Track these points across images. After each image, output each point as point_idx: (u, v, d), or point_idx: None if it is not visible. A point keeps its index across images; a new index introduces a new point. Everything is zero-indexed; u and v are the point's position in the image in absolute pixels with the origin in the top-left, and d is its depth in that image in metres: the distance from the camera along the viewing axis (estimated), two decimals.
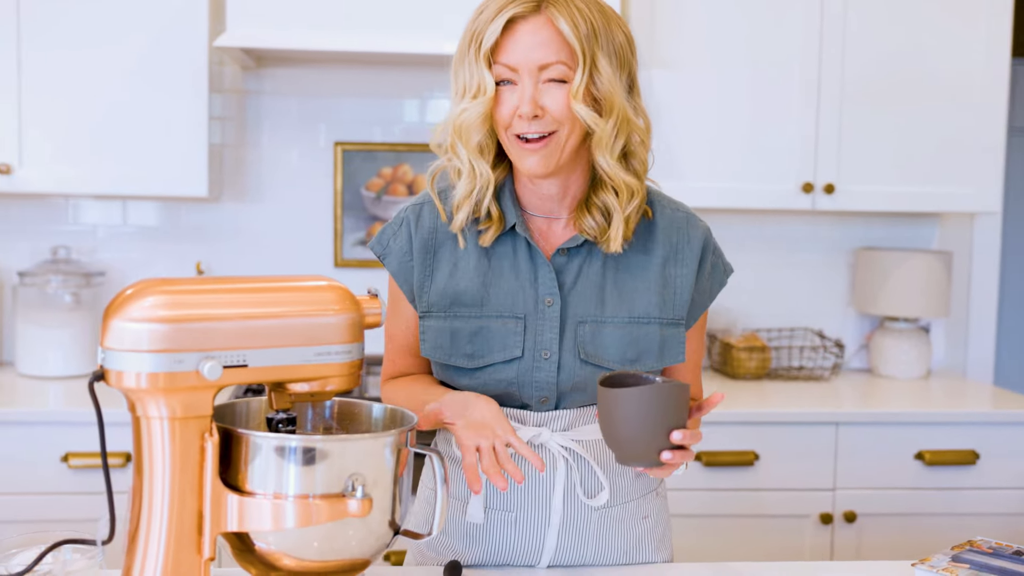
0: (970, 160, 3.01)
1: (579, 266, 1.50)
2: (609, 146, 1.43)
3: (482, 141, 1.46)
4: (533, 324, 1.48)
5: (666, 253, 1.52)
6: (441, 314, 1.50)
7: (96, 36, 2.73)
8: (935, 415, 2.78)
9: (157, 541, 1.18)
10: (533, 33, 1.40)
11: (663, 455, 1.31)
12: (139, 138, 2.77)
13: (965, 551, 1.54)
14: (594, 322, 1.49)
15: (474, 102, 1.42)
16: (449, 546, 1.57)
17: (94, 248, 3.10)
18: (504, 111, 1.43)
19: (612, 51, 1.42)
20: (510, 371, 1.48)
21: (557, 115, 1.41)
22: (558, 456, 1.49)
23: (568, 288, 1.49)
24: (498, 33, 1.40)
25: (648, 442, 1.32)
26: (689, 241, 1.54)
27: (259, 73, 3.10)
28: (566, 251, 1.50)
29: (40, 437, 2.54)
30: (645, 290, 1.50)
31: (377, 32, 2.71)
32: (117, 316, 1.16)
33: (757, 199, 2.96)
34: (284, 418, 1.28)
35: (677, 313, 1.52)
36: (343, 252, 3.14)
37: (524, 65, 1.40)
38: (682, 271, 1.52)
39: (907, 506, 2.77)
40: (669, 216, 1.55)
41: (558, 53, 1.40)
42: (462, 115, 1.44)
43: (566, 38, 1.39)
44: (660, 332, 1.50)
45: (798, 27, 2.92)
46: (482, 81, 1.42)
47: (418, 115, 3.18)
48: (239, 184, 3.13)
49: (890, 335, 3.21)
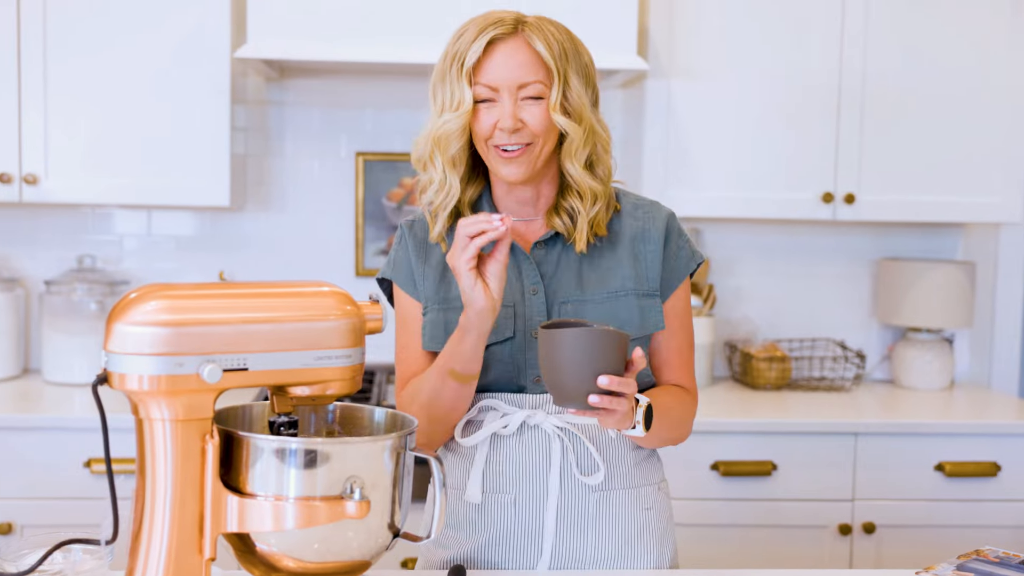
0: (994, 169, 2.99)
1: (557, 256, 1.62)
2: (577, 153, 1.57)
3: (456, 155, 1.57)
4: (522, 310, 1.59)
5: (634, 233, 1.64)
6: (436, 307, 1.61)
7: (120, 48, 2.79)
8: (956, 426, 2.76)
9: (159, 541, 1.21)
10: (512, 54, 1.53)
11: (590, 398, 1.37)
12: (163, 149, 2.82)
13: (971, 560, 1.53)
14: (576, 301, 1.60)
15: (454, 114, 1.54)
16: (453, 537, 1.62)
17: (119, 257, 3.15)
18: (484, 125, 1.55)
19: (580, 70, 1.57)
20: (504, 351, 1.58)
21: (535, 128, 1.54)
22: (553, 435, 1.57)
23: (549, 276, 1.61)
24: (480, 52, 1.53)
25: (578, 383, 1.37)
26: (654, 221, 1.65)
27: (282, 84, 3.14)
28: (543, 244, 1.62)
29: (65, 443, 2.58)
30: (617, 267, 1.62)
31: (397, 43, 2.73)
32: (120, 320, 1.19)
33: (776, 209, 2.95)
34: (286, 421, 1.30)
35: (651, 285, 1.63)
36: (364, 261, 3.17)
37: (504, 84, 1.53)
38: (650, 247, 1.64)
39: (927, 518, 2.74)
40: (634, 202, 1.68)
41: (535, 72, 1.53)
42: (443, 126, 1.55)
43: (543, 58, 1.53)
44: (638, 302, 1.61)
45: (818, 36, 2.92)
46: (462, 96, 1.54)
47: None
48: (262, 194, 3.17)
49: (913, 346, 3.18)
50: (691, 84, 2.90)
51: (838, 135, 2.94)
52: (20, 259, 3.13)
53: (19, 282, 3.08)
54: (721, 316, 3.26)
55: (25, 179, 2.77)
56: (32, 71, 2.76)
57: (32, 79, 2.76)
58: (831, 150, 2.94)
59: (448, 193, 1.59)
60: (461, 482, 1.62)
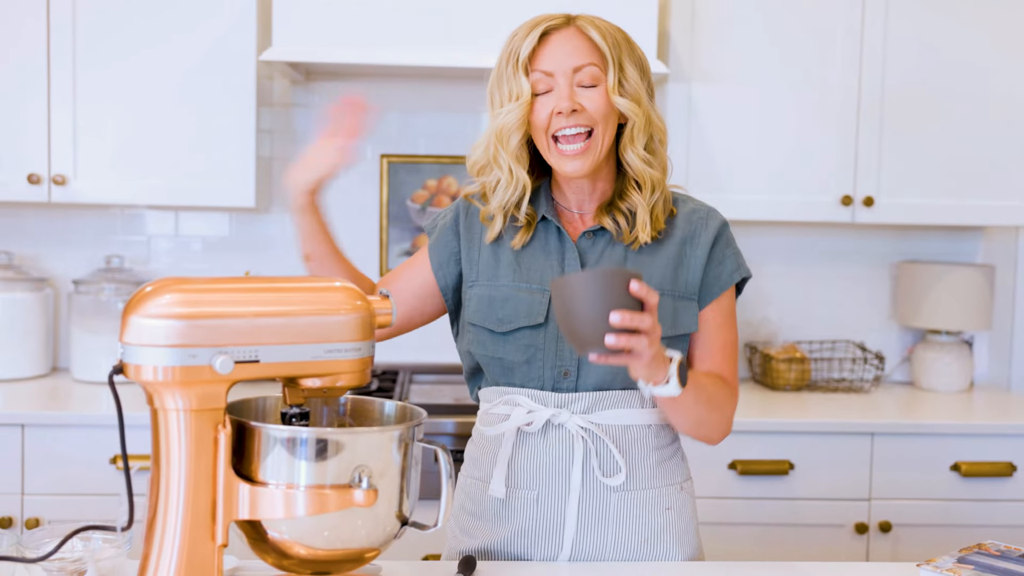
0: (1014, 173, 2.99)
1: (602, 249, 1.64)
2: (637, 139, 1.59)
3: (517, 148, 1.60)
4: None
5: (684, 236, 1.65)
6: (484, 284, 1.66)
7: (148, 51, 2.84)
8: (972, 427, 2.77)
9: (173, 528, 1.25)
10: (566, 41, 1.57)
11: (607, 339, 1.35)
12: (190, 151, 2.87)
13: (972, 553, 1.55)
14: None
15: (513, 105, 1.57)
16: (478, 526, 1.66)
17: (147, 258, 3.21)
18: (542, 114, 1.57)
19: (635, 61, 1.60)
20: (535, 337, 1.60)
21: (593, 112, 1.56)
22: (576, 435, 1.59)
23: (590, 266, 1.63)
24: (535, 43, 1.57)
25: (592, 326, 1.35)
26: (706, 227, 1.66)
27: (308, 87, 3.19)
28: (591, 234, 1.64)
29: (92, 440, 2.64)
30: (661, 267, 1.62)
31: (421, 47, 2.77)
32: (136, 312, 1.23)
33: (796, 211, 2.96)
34: (297, 413, 1.33)
35: (689, 289, 1.63)
36: (389, 263, 3.21)
37: (559, 68, 1.56)
38: (696, 252, 1.64)
39: (943, 517, 2.75)
40: (691, 207, 1.69)
41: (590, 56, 1.56)
42: (503, 118, 1.58)
43: (596, 44, 1.57)
44: (672, 303, 1.61)
45: (838, 39, 2.93)
46: (520, 88, 1.57)
47: (462, 128, 3.25)
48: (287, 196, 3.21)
49: (932, 348, 3.18)
50: (712, 88, 2.92)
51: (857, 138, 2.95)
52: (49, 259, 3.19)
53: (48, 282, 3.15)
54: (742, 318, 3.27)
55: (54, 180, 2.84)
56: (61, 74, 2.82)
57: (61, 82, 2.83)
58: (850, 153, 2.95)
59: (517, 188, 1.62)
60: (487, 474, 1.66)
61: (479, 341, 1.64)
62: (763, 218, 2.97)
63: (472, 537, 1.66)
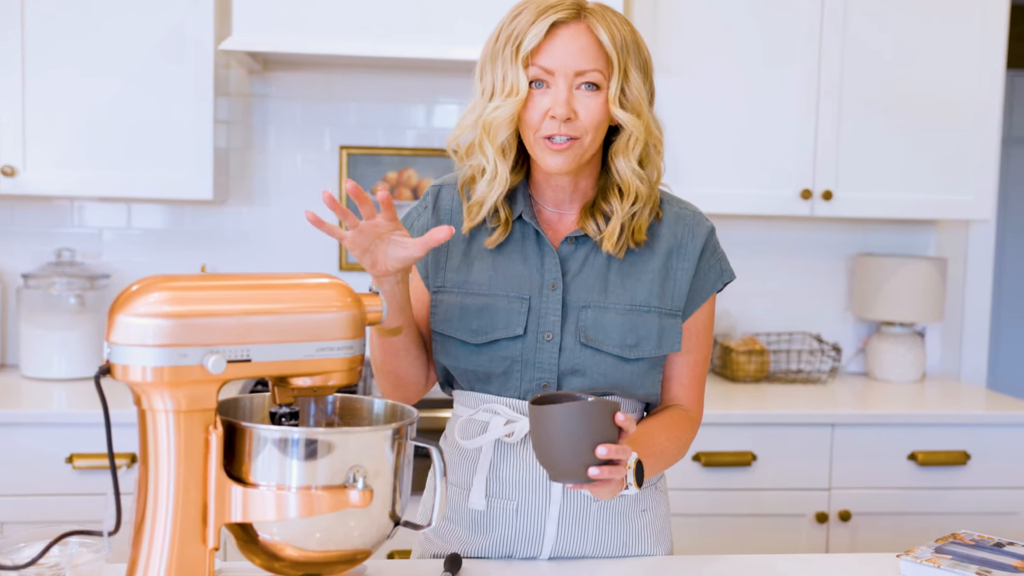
0: (967, 168, 3.05)
1: (584, 255, 1.56)
2: (632, 150, 1.51)
3: (505, 143, 1.51)
4: (537, 306, 1.54)
5: (670, 246, 1.58)
6: (454, 290, 1.57)
7: (102, 38, 2.77)
8: (928, 416, 2.82)
9: (163, 532, 1.22)
10: (573, 39, 1.47)
11: (590, 471, 1.32)
12: (145, 141, 2.80)
13: (948, 543, 1.57)
14: (597, 308, 1.54)
15: (506, 101, 1.47)
16: (456, 535, 1.61)
17: (99, 251, 3.13)
18: (535, 114, 1.47)
19: (640, 65, 1.51)
20: (513, 349, 1.54)
21: (586, 122, 1.47)
22: None
23: (572, 275, 1.55)
24: (541, 36, 1.46)
25: (575, 457, 1.33)
26: (693, 236, 1.59)
27: (265, 77, 3.14)
28: (573, 240, 1.56)
29: (45, 439, 2.57)
30: (648, 280, 1.56)
31: (384, 37, 2.74)
32: (123, 311, 1.20)
33: (756, 205, 2.99)
34: (287, 412, 1.31)
35: (675, 304, 1.57)
36: (348, 255, 3.18)
37: (561, 69, 1.46)
38: (683, 264, 1.58)
39: (900, 505, 2.80)
40: (676, 213, 1.61)
41: (595, 60, 1.47)
42: (493, 112, 1.48)
43: (604, 47, 1.47)
44: (659, 321, 1.55)
45: (798, 35, 2.96)
46: (516, 81, 1.47)
47: (423, 120, 3.22)
48: (245, 188, 3.17)
49: (886, 339, 3.24)
50: (673, 82, 2.93)
51: (816, 134, 2.98)
52: None
53: None
54: None
55: (3, 171, 2.75)
56: (9, 61, 2.74)
57: (9, 70, 2.74)
58: (809, 148, 2.99)
59: (498, 183, 1.53)
60: (465, 481, 1.60)
61: (449, 352, 1.58)
62: (724, 211, 2.99)
63: (446, 542, 1.62)
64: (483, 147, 1.52)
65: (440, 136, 3.22)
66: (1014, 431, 2.83)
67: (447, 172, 3.11)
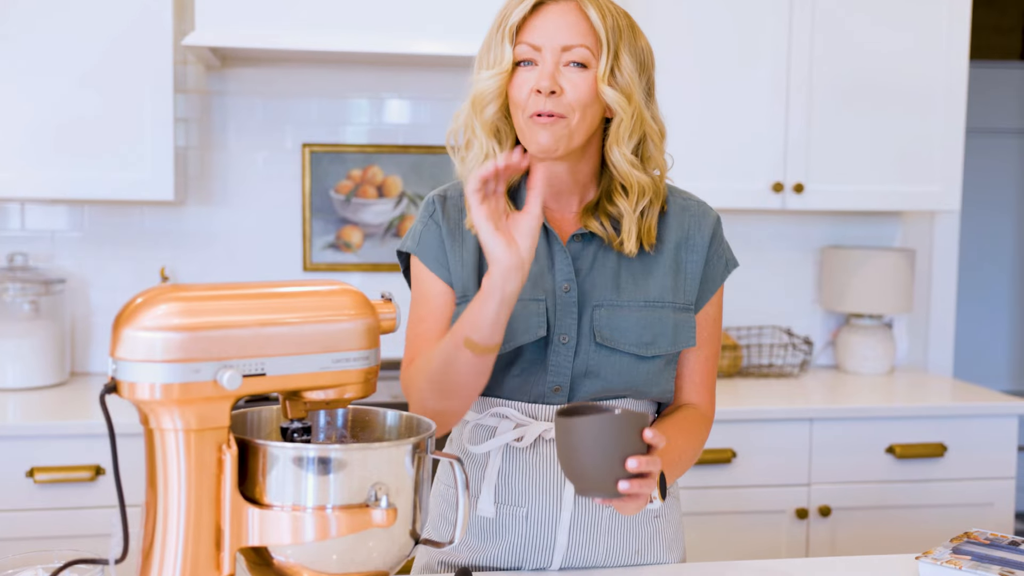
0: (933, 160, 3.06)
1: (594, 252, 1.52)
2: (625, 138, 1.46)
3: (493, 119, 1.47)
4: (552, 307, 1.49)
5: (678, 239, 1.54)
6: (468, 301, 1.49)
7: (54, 34, 2.65)
8: (905, 409, 2.83)
9: (173, 558, 1.14)
10: (562, 15, 1.44)
11: (620, 485, 1.27)
12: (101, 140, 2.69)
13: (964, 543, 1.56)
14: (610, 306, 1.50)
15: (491, 71, 1.44)
16: (464, 543, 1.56)
17: (51, 255, 3.01)
18: (522, 91, 1.43)
19: (634, 52, 1.46)
20: (534, 351, 1.48)
21: (572, 100, 1.42)
22: None
23: (584, 274, 1.51)
24: (526, 11, 1.43)
25: (605, 471, 1.28)
26: (700, 228, 1.56)
27: (223, 73, 3.04)
28: (580, 237, 1.51)
29: (3, 452, 2.45)
30: (660, 275, 1.52)
31: (348, 31, 2.67)
32: (129, 325, 1.12)
33: (729, 199, 2.97)
34: (299, 427, 1.24)
35: (688, 298, 1.54)
36: (312, 256, 3.09)
37: (548, 44, 1.42)
38: (693, 256, 1.55)
39: (879, 499, 2.80)
40: (681, 204, 1.57)
41: (583, 37, 1.43)
42: (480, 84, 1.45)
43: (593, 24, 1.43)
44: (673, 316, 1.52)
45: (768, 30, 2.95)
46: (501, 55, 1.44)
47: (388, 116, 3.15)
48: (204, 187, 3.06)
49: (856, 332, 3.24)
50: None
51: (787, 127, 2.97)
52: None
53: None
54: None
55: None
56: None
57: None
58: (780, 141, 2.97)
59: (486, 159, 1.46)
60: (473, 488, 1.55)
61: None
62: None
63: (454, 550, 1.57)
64: (471, 125, 1.48)
65: (404, 132, 3.14)
66: (989, 422, 2.85)
67: (412, 169, 3.09)
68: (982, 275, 4.81)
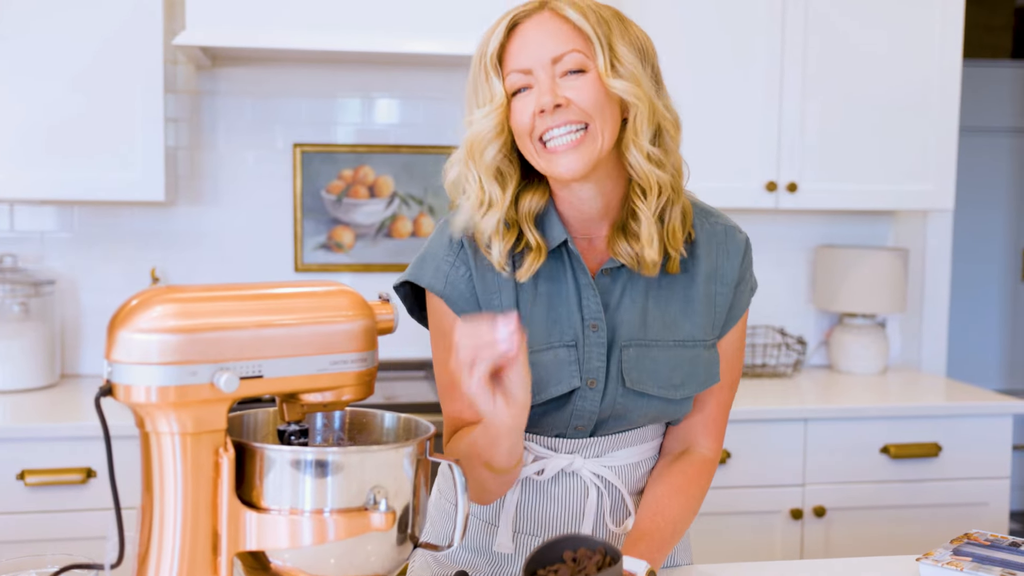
0: (926, 159, 3.06)
1: (623, 286, 1.42)
2: (641, 131, 1.34)
3: (495, 161, 1.36)
4: (580, 350, 1.40)
5: (708, 270, 1.45)
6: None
7: (45, 35, 2.63)
8: (900, 409, 2.82)
9: (170, 563, 1.13)
10: (539, 27, 1.34)
11: None
12: (91, 141, 2.67)
13: (964, 544, 1.55)
14: (638, 346, 1.41)
15: (485, 110, 1.34)
16: (476, 566, 1.53)
17: (41, 256, 2.98)
18: (523, 117, 1.33)
19: (629, 42, 1.35)
20: (562, 399, 1.40)
21: (583, 104, 1.31)
22: (590, 484, 1.46)
23: (612, 310, 1.41)
24: (502, 36, 1.34)
25: None
26: (729, 256, 1.46)
27: (213, 73, 3.02)
28: (608, 271, 1.42)
29: None
30: (690, 311, 1.43)
31: (341, 30, 2.65)
32: (124, 327, 1.10)
33: (722, 198, 2.92)
34: (297, 430, 1.23)
35: (716, 333, 1.46)
36: (303, 256, 3.07)
37: (536, 62, 1.32)
38: (722, 289, 1.45)
39: (874, 499, 2.80)
40: (709, 231, 1.46)
41: (570, 41, 1.32)
42: (475, 127, 1.34)
43: (576, 24, 1.32)
44: (705, 355, 1.44)
45: (761, 29, 2.94)
46: (490, 91, 1.34)
47: (379, 116, 3.13)
48: (194, 188, 3.04)
49: (849, 331, 3.24)
50: None
51: (780, 126, 2.97)
52: None
53: None
54: None
55: None
56: None
57: None
58: (774, 141, 2.97)
59: (489, 207, 1.36)
60: (491, 516, 1.51)
61: None
62: None
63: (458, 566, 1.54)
64: (467, 171, 1.37)
65: (395, 132, 3.13)
66: (984, 421, 2.85)
67: (403, 169, 3.07)
68: (975, 274, 4.81)
